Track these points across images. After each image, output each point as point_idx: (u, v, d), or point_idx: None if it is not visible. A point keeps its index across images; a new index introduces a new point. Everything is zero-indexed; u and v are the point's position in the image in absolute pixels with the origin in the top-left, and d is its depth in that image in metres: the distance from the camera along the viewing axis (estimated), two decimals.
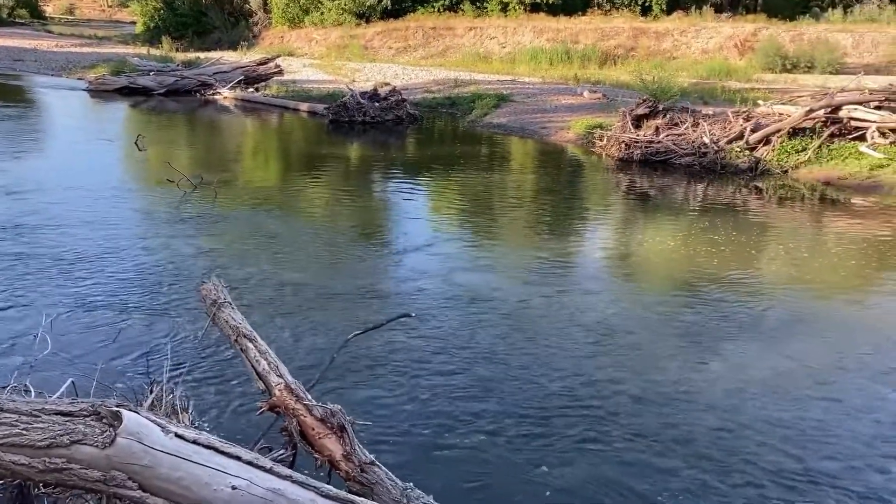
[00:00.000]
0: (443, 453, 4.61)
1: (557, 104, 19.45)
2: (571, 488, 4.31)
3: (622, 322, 6.80)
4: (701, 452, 4.70)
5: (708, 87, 20.36)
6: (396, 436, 4.77)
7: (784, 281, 8.07)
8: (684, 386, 5.55)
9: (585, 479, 4.40)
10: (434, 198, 12.37)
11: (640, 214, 11.41)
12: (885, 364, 6.03)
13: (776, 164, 13.53)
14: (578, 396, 5.36)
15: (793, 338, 6.52)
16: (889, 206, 11.62)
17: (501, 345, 6.18)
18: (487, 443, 4.72)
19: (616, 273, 8.59)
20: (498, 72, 25.46)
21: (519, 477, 4.38)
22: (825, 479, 4.46)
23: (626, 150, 14.54)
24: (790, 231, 10.37)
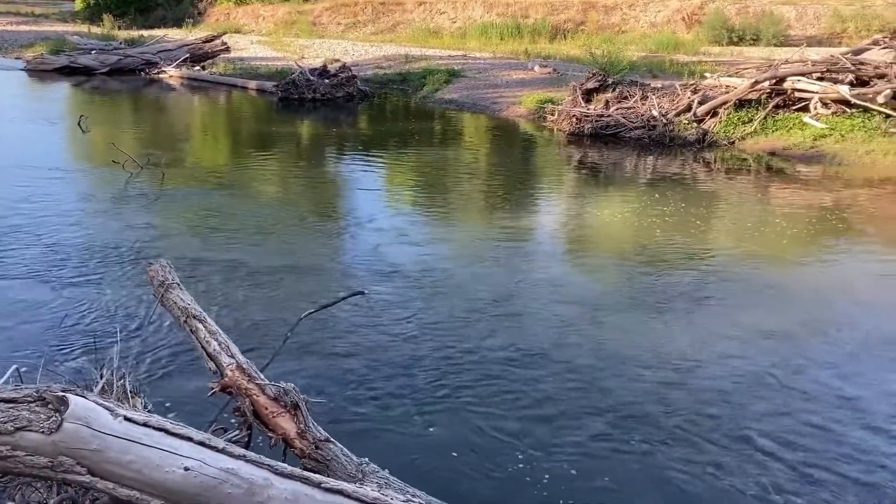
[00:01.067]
0: (390, 427, 4.62)
1: (508, 79, 19.45)
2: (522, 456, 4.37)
3: (575, 292, 6.87)
4: (646, 412, 4.79)
5: (656, 60, 20.53)
6: (347, 412, 4.77)
7: (731, 249, 8.24)
8: (633, 350, 5.65)
9: (528, 444, 4.46)
10: (387, 174, 12.31)
11: (592, 188, 11.52)
12: (827, 326, 6.21)
13: (723, 135, 13.76)
14: (529, 365, 5.41)
15: (741, 303, 6.67)
16: (831, 174, 11.92)
17: (452, 318, 6.20)
18: (434, 416, 4.75)
19: (569, 245, 8.67)
20: (449, 47, 25.33)
21: (465, 448, 4.43)
22: (763, 437, 4.60)
23: (576, 124, 14.63)
24: (737, 201, 10.57)
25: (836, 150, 12.74)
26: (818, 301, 6.84)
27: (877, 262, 8.04)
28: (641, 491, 4.12)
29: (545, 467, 4.25)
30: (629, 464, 4.33)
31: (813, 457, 4.43)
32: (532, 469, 4.23)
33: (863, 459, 4.41)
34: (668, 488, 4.13)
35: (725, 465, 4.32)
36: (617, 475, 4.22)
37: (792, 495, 4.08)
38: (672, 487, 4.14)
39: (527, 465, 4.26)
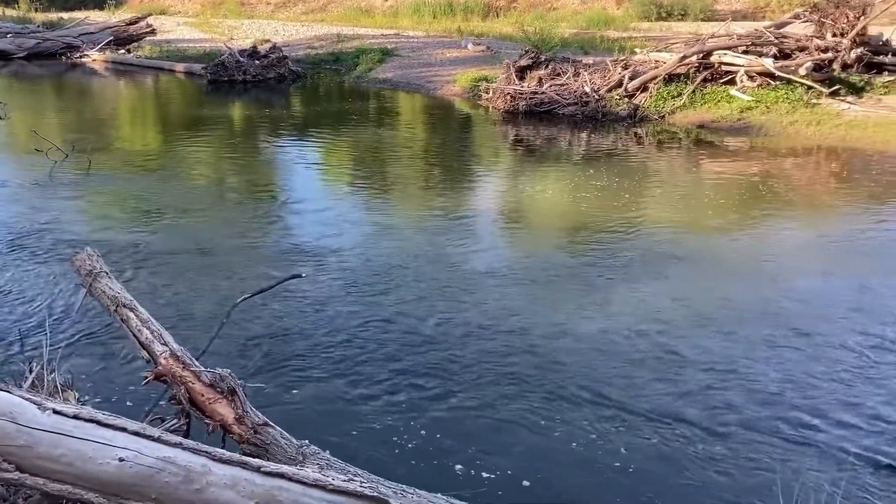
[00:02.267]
0: (328, 407, 4.61)
1: (442, 58, 19.40)
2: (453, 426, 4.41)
3: (510, 268, 6.93)
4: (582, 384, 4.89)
5: (588, 36, 20.75)
6: (286, 394, 4.74)
7: (662, 220, 8.42)
8: (565, 324, 5.74)
9: (457, 416, 4.51)
10: (322, 156, 12.17)
11: (528, 165, 11.61)
12: (756, 295, 6.41)
13: (654, 109, 14.01)
14: (458, 339, 5.45)
15: (673, 273, 6.83)
16: (757, 146, 12.27)
17: (389, 297, 6.19)
18: (374, 395, 4.76)
19: (506, 222, 8.73)
20: (381, 26, 25.12)
21: (399, 427, 4.45)
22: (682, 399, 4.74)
23: (511, 102, 14.70)
24: (669, 174, 10.80)
25: (761, 121, 13.11)
26: (738, 270, 7.05)
27: (799, 230, 8.31)
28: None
29: (478, 437, 4.30)
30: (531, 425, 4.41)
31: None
32: (466, 439, 4.28)
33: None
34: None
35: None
36: (536, 444, 4.30)
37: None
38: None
39: (464, 437, 4.30)
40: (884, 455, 4.17)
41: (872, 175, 10.63)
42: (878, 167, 10.99)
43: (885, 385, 4.93)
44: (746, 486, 3.93)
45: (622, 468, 4.07)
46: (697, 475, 4.03)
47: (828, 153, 12.03)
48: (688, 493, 3.92)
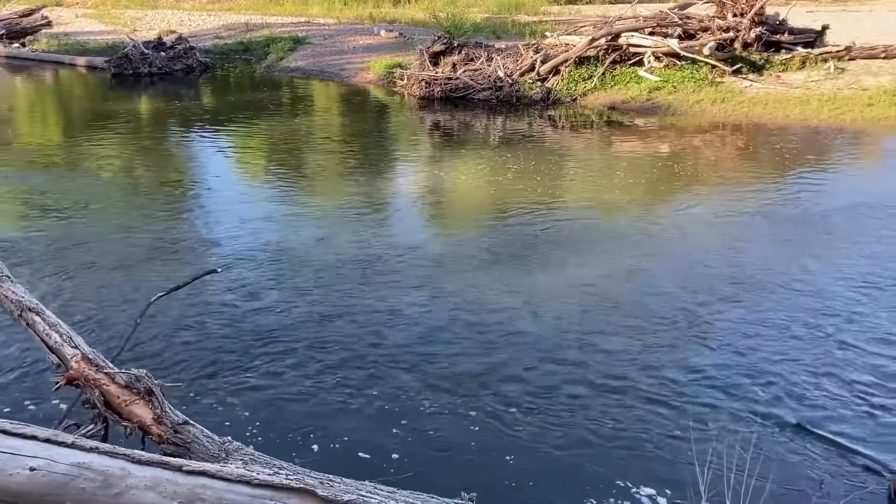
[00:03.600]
0: (250, 402, 4.54)
1: (355, 45, 19.22)
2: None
3: (429, 250, 6.95)
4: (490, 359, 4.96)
5: (499, 21, 20.90)
6: (207, 392, 4.63)
7: (581, 201, 8.59)
8: (484, 305, 5.80)
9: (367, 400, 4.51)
10: (237, 147, 11.90)
11: (446, 150, 11.63)
12: (669, 269, 6.61)
13: (566, 92, 14.24)
14: (378, 326, 5.45)
15: (592, 252, 6.98)
16: (666, 125, 12.63)
17: (308, 288, 6.12)
18: (292, 385, 4.71)
19: (426, 208, 8.74)
20: (291, 14, 24.69)
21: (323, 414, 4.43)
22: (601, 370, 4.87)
23: (426, 88, 14.70)
24: (584, 155, 11.00)
25: (669, 100, 13.49)
26: (650, 245, 7.26)
27: (713, 204, 8.59)
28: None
29: (398, 422, 4.31)
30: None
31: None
32: (389, 426, 4.28)
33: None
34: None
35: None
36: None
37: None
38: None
39: (385, 423, 4.31)
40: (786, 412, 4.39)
41: (775, 149, 11.08)
42: (780, 141, 11.47)
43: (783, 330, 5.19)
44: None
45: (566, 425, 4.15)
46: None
47: (733, 129, 12.47)
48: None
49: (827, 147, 11.41)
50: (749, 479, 2.75)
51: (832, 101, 12.86)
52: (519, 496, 3.74)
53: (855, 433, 4.20)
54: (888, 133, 12.03)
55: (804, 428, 4.21)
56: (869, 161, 10.90)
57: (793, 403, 4.50)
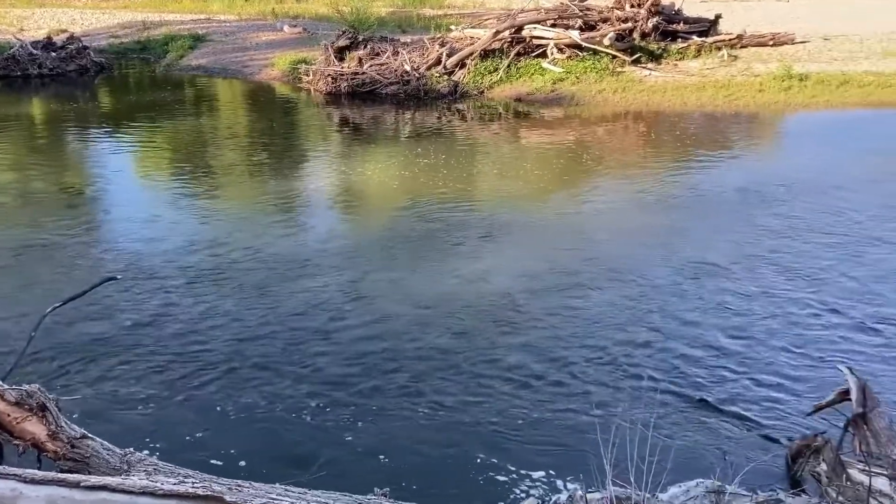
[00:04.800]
0: (153, 410, 4.40)
1: (258, 41, 18.84)
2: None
3: (345, 247, 6.88)
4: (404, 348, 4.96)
5: (404, 15, 20.87)
6: (107, 404, 4.46)
7: (493, 192, 8.67)
8: (388, 295, 5.79)
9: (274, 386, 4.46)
10: (138, 150, 11.46)
11: (356, 146, 11.52)
12: (582, 255, 6.75)
13: (473, 85, 14.33)
14: (290, 327, 5.37)
15: (506, 241, 7.05)
16: (571, 115, 12.88)
17: (216, 292, 5.98)
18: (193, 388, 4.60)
19: (337, 204, 8.64)
20: (190, 11, 23.97)
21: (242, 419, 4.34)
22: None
23: (333, 83, 14.54)
24: (493, 147, 11.09)
25: (573, 91, 13.76)
26: (561, 231, 7.40)
27: (619, 189, 8.81)
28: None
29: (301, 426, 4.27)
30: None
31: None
32: (294, 429, 4.23)
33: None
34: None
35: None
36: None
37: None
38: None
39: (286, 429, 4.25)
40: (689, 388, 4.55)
41: (675, 134, 11.46)
42: (679, 127, 11.87)
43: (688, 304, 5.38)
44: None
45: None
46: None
47: (635, 117, 12.83)
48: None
49: (724, 132, 11.87)
50: (652, 456, 2.83)
51: (726, 88, 13.38)
52: (427, 489, 3.75)
53: (752, 405, 4.38)
54: (778, 116, 12.62)
55: (707, 403, 4.37)
56: (762, 144, 11.38)
57: (693, 381, 4.66)
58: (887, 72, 13.70)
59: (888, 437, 3.36)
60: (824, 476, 3.60)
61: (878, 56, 14.97)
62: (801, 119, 12.48)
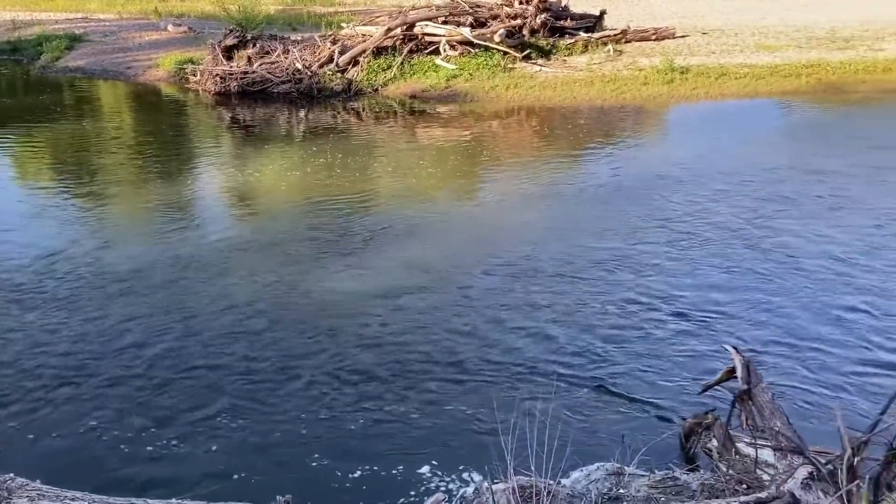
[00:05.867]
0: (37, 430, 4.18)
1: (141, 41, 18.14)
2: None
3: (243, 250, 6.71)
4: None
5: (294, 13, 20.54)
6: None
7: (388, 191, 8.64)
8: (285, 296, 5.70)
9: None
10: (15, 156, 10.82)
11: (248, 147, 11.24)
12: (481, 254, 6.81)
13: (367, 83, 14.25)
14: (163, 333, 5.22)
15: (408, 240, 7.04)
16: (466, 111, 12.99)
17: (89, 301, 5.72)
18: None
19: (226, 207, 8.42)
20: (65, 10, 22.84)
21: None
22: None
23: (222, 83, 14.15)
24: (389, 145, 11.04)
25: (467, 88, 13.88)
26: (462, 228, 7.47)
27: (518, 183, 8.93)
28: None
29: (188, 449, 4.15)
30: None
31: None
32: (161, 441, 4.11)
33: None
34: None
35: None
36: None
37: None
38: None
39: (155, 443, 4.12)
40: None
41: (568, 129, 11.74)
42: (571, 121, 12.17)
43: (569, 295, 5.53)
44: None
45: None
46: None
47: (528, 113, 13.06)
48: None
49: (612, 125, 12.23)
50: (553, 443, 2.88)
51: (613, 82, 13.80)
52: (331, 493, 3.71)
53: (646, 388, 4.55)
54: (662, 108, 13.12)
55: (604, 389, 4.50)
56: (649, 135, 11.79)
57: (589, 368, 4.79)
58: (760, 64, 14.48)
59: (771, 410, 3.55)
60: (715, 451, 3.78)
61: (752, 49, 15.79)
62: (683, 110, 13.00)
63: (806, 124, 11.68)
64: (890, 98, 13.07)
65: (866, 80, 13.75)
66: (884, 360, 4.83)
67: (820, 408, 4.30)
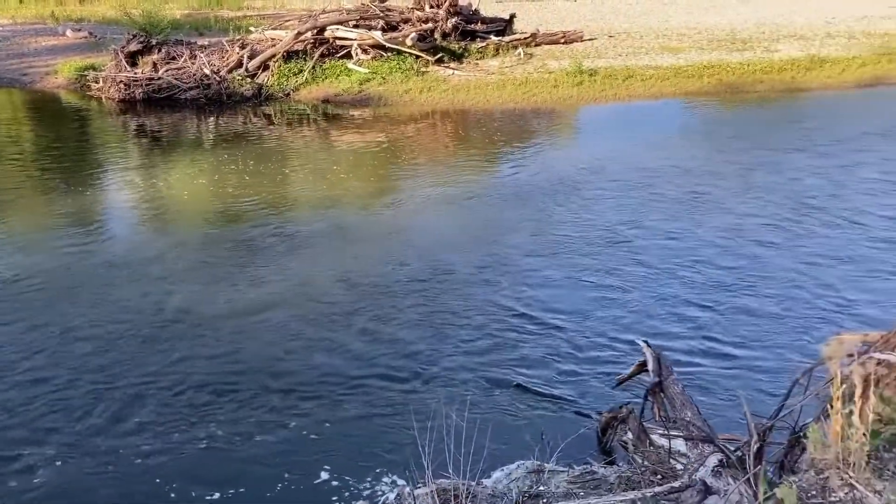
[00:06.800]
0: None
1: (38, 47, 17.37)
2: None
3: (149, 261, 6.50)
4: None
5: (201, 17, 20.06)
6: None
7: (304, 199, 8.51)
8: (203, 307, 5.57)
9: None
10: None
11: (156, 156, 10.87)
12: (391, 258, 6.79)
13: (278, 88, 14.03)
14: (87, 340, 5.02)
15: (327, 247, 6.95)
16: (380, 115, 12.94)
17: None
18: None
19: (146, 218, 8.12)
20: None
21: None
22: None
23: (126, 90, 13.69)
24: (303, 151, 10.89)
25: (380, 92, 13.84)
26: (378, 235, 7.44)
27: (438, 187, 8.93)
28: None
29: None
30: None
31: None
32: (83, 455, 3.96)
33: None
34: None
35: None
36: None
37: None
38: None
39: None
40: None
41: (483, 131, 11.84)
42: (487, 124, 12.28)
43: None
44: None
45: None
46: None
47: (442, 116, 13.11)
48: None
49: (524, 128, 12.41)
50: (469, 444, 2.89)
51: (524, 85, 14.00)
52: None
53: (563, 385, 4.62)
54: (572, 110, 13.39)
55: (522, 387, 4.55)
56: (559, 138, 12.01)
57: (505, 367, 4.84)
58: (664, 65, 14.96)
59: (682, 401, 3.65)
60: (631, 444, 3.86)
61: (657, 51, 16.30)
62: (593, 112, 13.29)
63: (701, 125, 12.13)
64: (783, 97, 13.72)
65: (763, 79, 14.38)
66: (782, 344, 5.05)
67: (727, 396, 4.46)
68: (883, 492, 2.01)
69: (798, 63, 15.08)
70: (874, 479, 2.05)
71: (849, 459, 2.06)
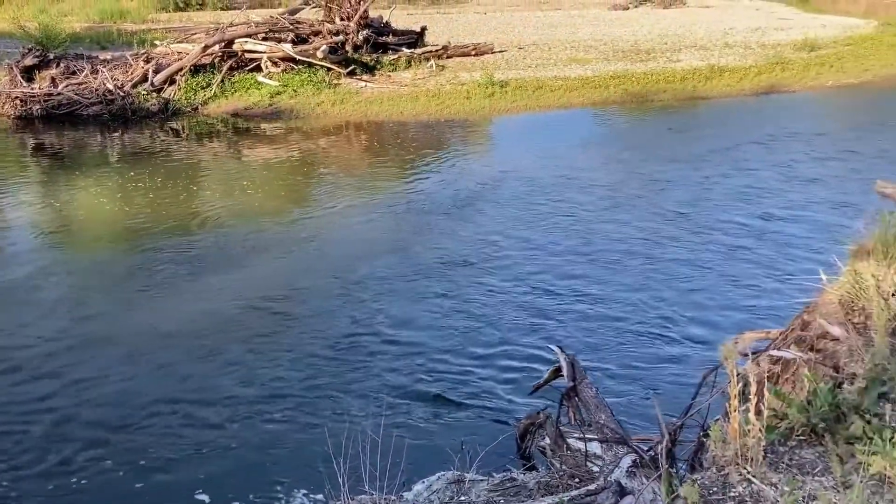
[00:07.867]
0: None
1: None
2: None
3: (35, 288, 6.24)
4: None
5: (103, 30, 19.37)
6: None
7: (225, 214, 8.33)
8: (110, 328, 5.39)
9: None
10: None
11: (58, 175, 10.42)
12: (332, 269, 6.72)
13: (186, 102, 13.68)
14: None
15: (227, 266, 6.81)
16: (292, 128, 12.80)
17: None
18: None
19: (38, 241, 7.78)
20: None
21: None
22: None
23: (22, 106, 13.08)
24: (214, 166, 10.67)
25: (292, 105, 13.67)
26: (296, 252, 7.35)
27: (355, 202, 8.87)
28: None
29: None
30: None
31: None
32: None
33: None
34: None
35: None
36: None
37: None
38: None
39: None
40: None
41: (398, 143, 11.85)
42: (401, 135, 12.30)
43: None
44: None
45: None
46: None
47: (356, 129, 13.06)
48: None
49: (437, 139, 12.48)
50: (387, 457, 2.88)
51: (437, 97, 14.09)
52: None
53: (480, 394, 4.66)
54: (484, 122, 13.56)
55: (441, 398, 4.56)
56: (470, 149, 12.11)
57: (422, 378, 4.85)
58: (572, 76, 15.32)
59: (596, 404, 3.73)
60: (548, 449, 3.91)
61: (564, 63, 16.68)
62: (504, 123, 13.48)
63: (600, 135, 12.49)
64: (685, 105, 14.27)
65: (666, 88, 14.90)
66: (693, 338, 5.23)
67: (639, 397, 4.58)
68: (778, 484, 2.11)
69: (699, 72, 15.72)
70: (770, 473, 2.14)
71: (747, 455, 2.14)
